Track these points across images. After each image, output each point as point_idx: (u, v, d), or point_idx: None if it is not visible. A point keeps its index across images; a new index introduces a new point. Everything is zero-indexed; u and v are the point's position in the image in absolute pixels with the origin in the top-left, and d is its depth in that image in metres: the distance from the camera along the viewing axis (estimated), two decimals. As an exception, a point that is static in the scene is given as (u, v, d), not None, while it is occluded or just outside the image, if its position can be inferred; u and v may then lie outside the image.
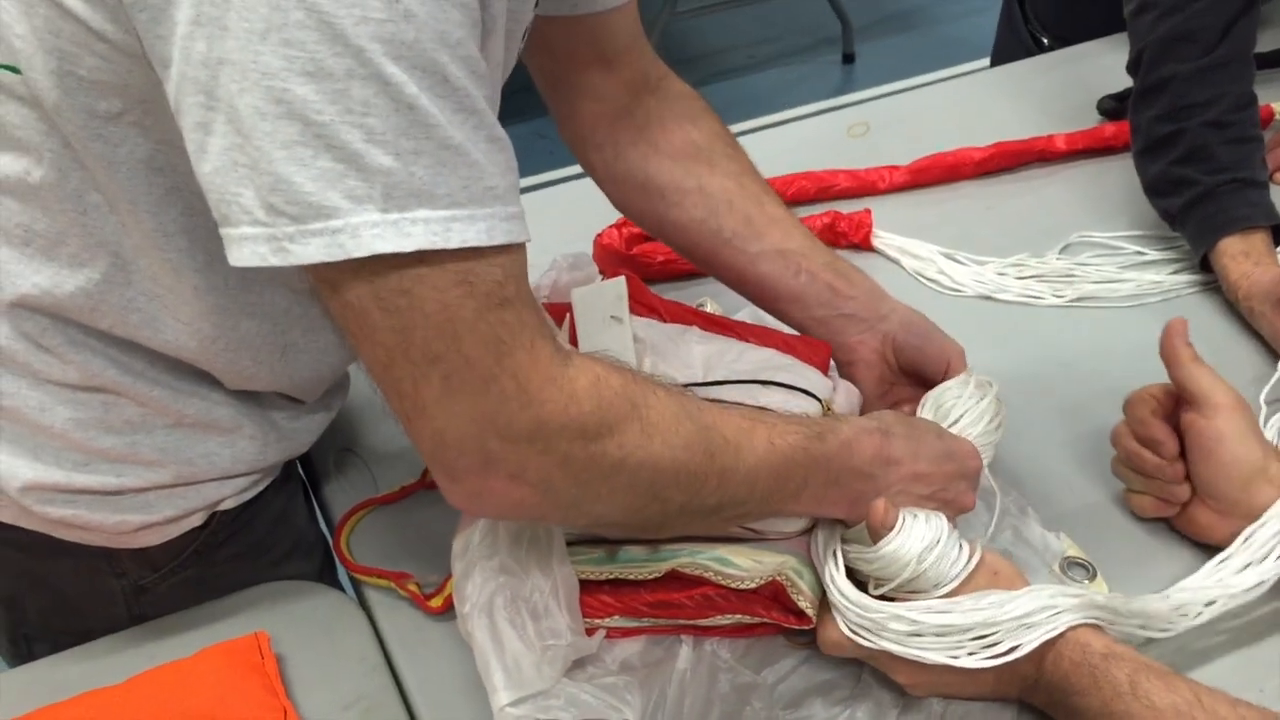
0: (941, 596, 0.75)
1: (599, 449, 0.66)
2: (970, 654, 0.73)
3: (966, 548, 0.77)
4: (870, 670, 0.80)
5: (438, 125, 0.58)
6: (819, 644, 0.79)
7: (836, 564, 0.78)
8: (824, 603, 0.79)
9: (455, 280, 0.61)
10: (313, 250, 0.58)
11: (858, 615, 0.75)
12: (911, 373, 0.94)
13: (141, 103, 0.67)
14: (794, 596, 0.78)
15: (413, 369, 0.63)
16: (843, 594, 0.76)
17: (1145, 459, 0.87)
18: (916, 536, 0.76)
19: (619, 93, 0.93)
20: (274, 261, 0.59)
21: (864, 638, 0.75)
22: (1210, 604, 0.78)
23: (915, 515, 0.77)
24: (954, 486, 0.82)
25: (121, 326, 0.77)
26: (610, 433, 0.67)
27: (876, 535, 0.76)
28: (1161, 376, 0.88)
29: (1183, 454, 0.86)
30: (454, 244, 0.59)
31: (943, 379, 0.91)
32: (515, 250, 0.63)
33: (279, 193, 0.57)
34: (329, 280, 0.62)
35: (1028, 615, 0.73)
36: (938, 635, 0.73)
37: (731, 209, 0.93)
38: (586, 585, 0.81)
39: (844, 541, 0.80)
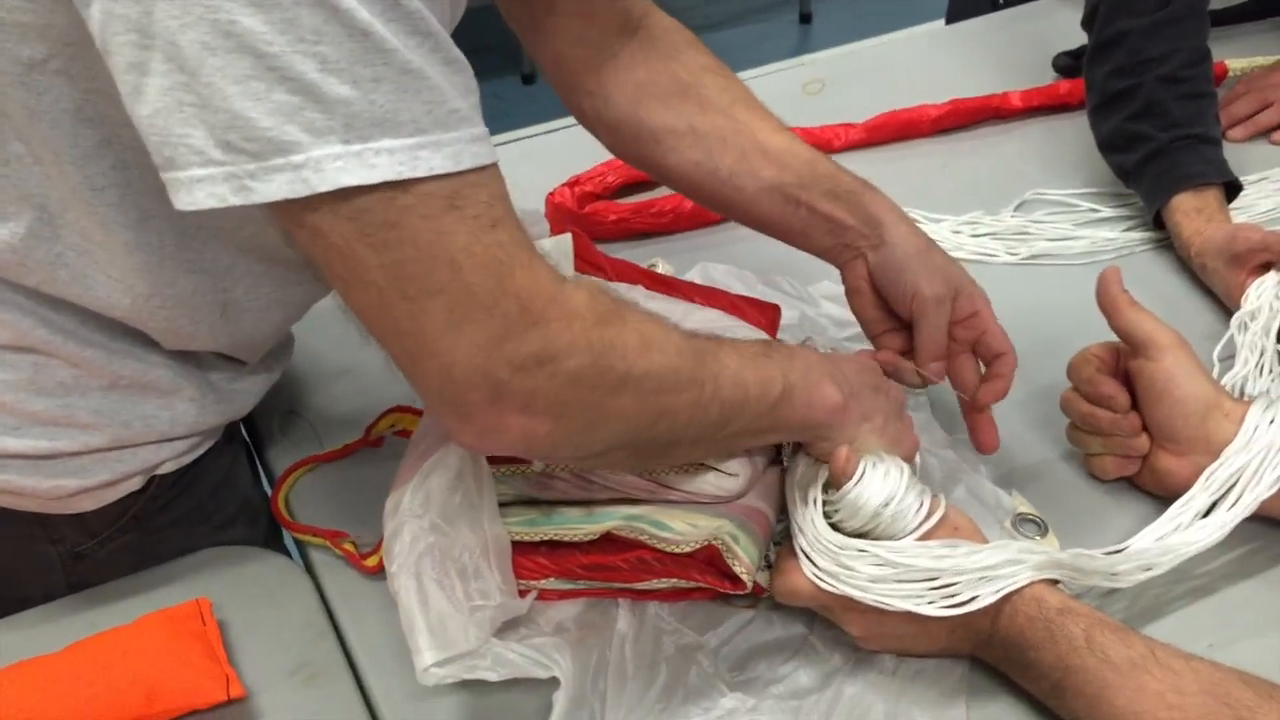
0: None
1: (605, 363, 0.65)
2: (930, 603, 0.72)
3: (928, 501, 0.77)
4: (817, 632, 0.79)
5: (394, 50, 0.56)
6: (774, 592, 0.78)
7: (816, 506, 0.78)
8: (782, 552, 0.79)
9: (445, 206, 0.58)
10: (275, 187, 0.56)
11: (827, 557, 0.74)
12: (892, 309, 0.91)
13: (67, 46, 0.64)
14: (729, 562, 0.77)
15: (411, 305, 0.60)
16: (818, 531, 0.76)
17: (1100, 417, 0.87)
18: (877, 484, 0.75)
19: (600, 37, 0.89)
20: (234, 201, 0.56)
21: (829, 583, 0.74)
22: (1170, 553, 0.78)
23: (876, 465, 0.76)
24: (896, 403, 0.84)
25: (50, 283, 0.74)
26: (612, 345, 0.65)
27: (838, 482, 0.76)
28: (1113, 334, 0.88)
29: (1134, 406, 0.86)
30: (421, 172, 0.57)
31: (909, 319, 0.88)
32: (492, 170, 0.61)
33: (235, 129, 0.55)
34: (309, 226, 0.59)
35: (993, 568, 0.73)
36: (904, 580, 0.73)
37: (726, 146, 0.90)
38: (522, 547, 0.80)
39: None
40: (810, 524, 0.77)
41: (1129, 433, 0.86)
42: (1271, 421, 0.80)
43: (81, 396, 0.79)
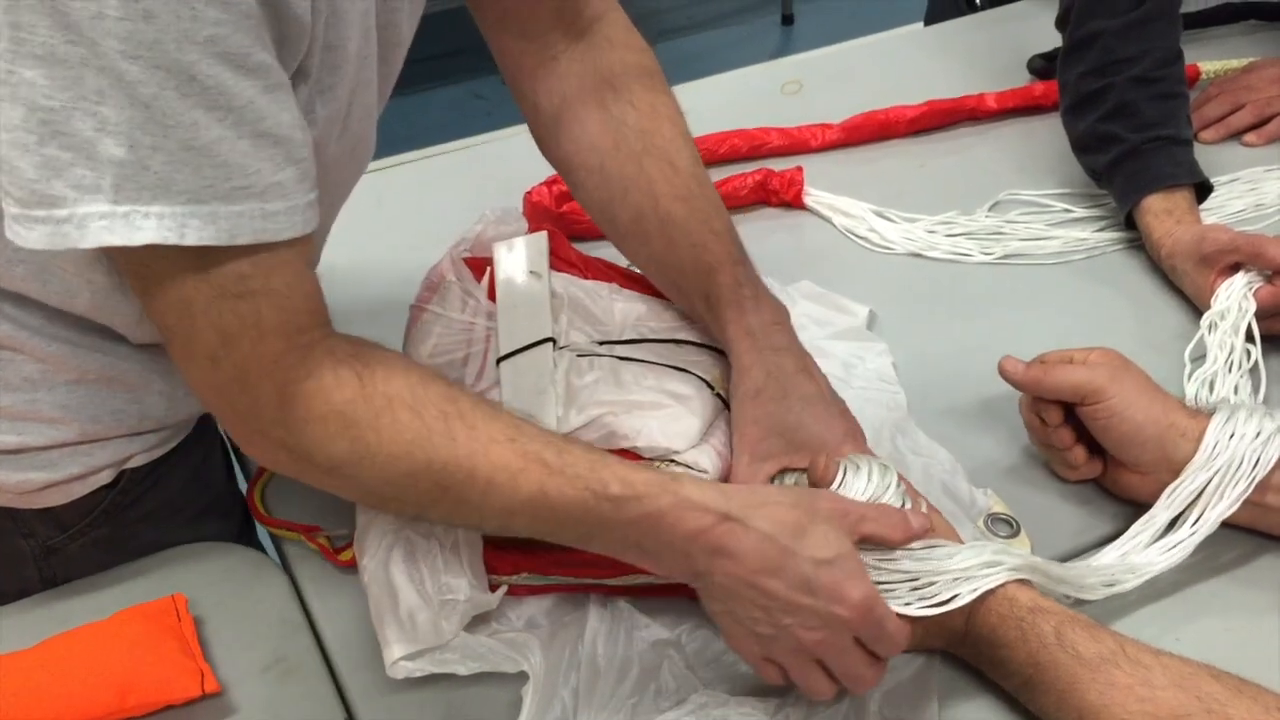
0: None
1: (304, 455, 0.67)
2: (907, 604, 0.73)
3: (909, 502, 0.77)
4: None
5: (177, 125, 0.57)
6: None
7: None
8: None
9: (191, 267, 0.61)
10: (36, 236, 0.58)
11: None
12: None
13: None
14: None
15: (160, 321, 0.65)
16: None
17: (1050, 450, 0.88)
18: (857, 490, 0.75)
19: (541, 32, 0.88)
20: (9, 236, 0.59)
21: None
22: (1134, 572, 0.79)
23: (858, 469, 0.76)
24: (806, 627, 0.69)
25: (9, 279, 0.74)
26: (316, 444, 0.67)
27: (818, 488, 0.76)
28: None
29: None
30: (189, 241, 0.59)
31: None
32: (280, 248, 0.62)
33: (4, 174, 0.57)
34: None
35: (969, 569, 0.73)
36: (883, 581, 0.73)
37: (625, 201, 0.87)
38: (494, 541, 0.80)
39: None
40: None
41: (1078, 463, 0.87)
42: (1231, 435, 0.81)
43: (48, 391, 0.79)
